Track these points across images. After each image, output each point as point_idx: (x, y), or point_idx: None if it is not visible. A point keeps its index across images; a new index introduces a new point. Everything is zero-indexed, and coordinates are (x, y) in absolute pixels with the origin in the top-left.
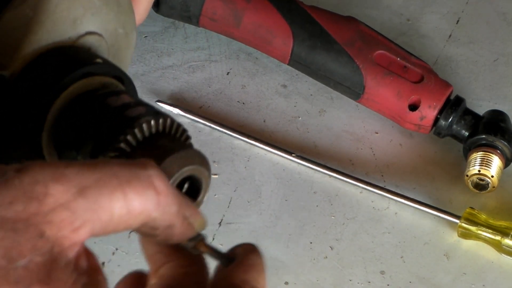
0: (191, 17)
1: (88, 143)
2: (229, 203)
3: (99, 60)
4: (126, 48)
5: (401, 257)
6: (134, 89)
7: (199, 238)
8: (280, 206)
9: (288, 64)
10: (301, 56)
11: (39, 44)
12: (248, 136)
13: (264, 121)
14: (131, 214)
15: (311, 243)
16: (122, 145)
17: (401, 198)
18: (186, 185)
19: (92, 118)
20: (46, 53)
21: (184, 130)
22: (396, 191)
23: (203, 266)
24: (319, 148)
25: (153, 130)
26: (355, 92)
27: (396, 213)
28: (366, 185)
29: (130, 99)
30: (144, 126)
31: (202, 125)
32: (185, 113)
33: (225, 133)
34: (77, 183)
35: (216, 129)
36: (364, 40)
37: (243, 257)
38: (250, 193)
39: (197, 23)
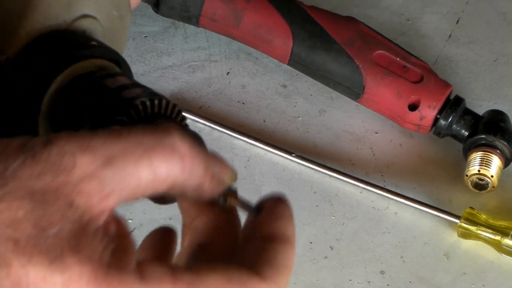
0: (191, 17)
1: (85, 126)
2: None
3: (94, 43)
4: (121, 31)
5: (401, 257)
6: (130, 72)
7: (229, 192)
8: None
9: (288, 64)
10: (301, 56)
11: (34, 28)
12: (248, 136)
13: (264, 121)
14: (158, 180)
15: (311, 243)
16: (118, 126)
17: (401, 198)
18: None
19: (88, 100)
20: (41, 36)
21: (180, 111)
22: (396, 191)
23: (234, 219)
24: (319, 148)
25: (149, 111)
26: (354, 92)
27: (396, 213)
28: (366, 185)
29: (126, 80)
30: (140, 107)
31: (202, 125)
32: (185, 113)
33: (225, 133)
34: (104, 152)
35: (216, 129)
36: (364, 40)
37: (271, 207)
38: (250, 193)
39: (197, 24)
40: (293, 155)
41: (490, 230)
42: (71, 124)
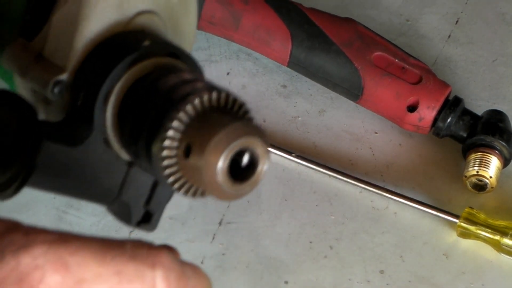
0: None
1: (143, 130)
2: (229, 203)
3: (146, 43)
4: (185, 15)
5: (401, 257)
6: (193, 62)
7: None
8: (280, 206)
9: (287, 66)
10: (300, 58)
11: (89, 38)
12: None
13: (264, 121)
14: None
15: (310, 242)
16: (175, 123)
17: (400, 198)
18: (246, 157)
19: (144, 104)
20: (97, 47)
21: (242, 105)
22: (395, 191)
23: None
24: (319, 148)
25: (206, 105)
26: (353, 93)
27: (395, 213)
28: (366, 185)
29: (181, 76)
30: (196, 101)
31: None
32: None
33: None
34: (77, 275)
35: None
36: (362, 41)
37: None
38: (250, 193)
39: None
40: (293, 155)
41: (489, 230)
42: (132, 134)
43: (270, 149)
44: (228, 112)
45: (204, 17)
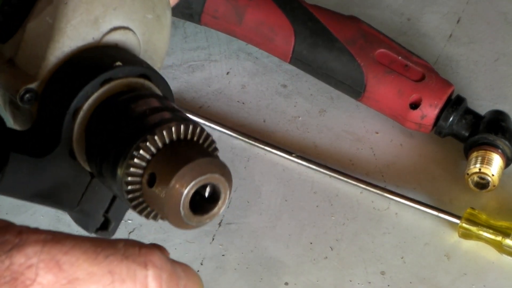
0: (193, 14)
1: (110, 153)
2: (229, 203)
3: (118, 63)
4: (159, 32)
5: (402, 258)
6: (165, 84)
7: None
8: (280, 206)
9: (289, 63)
10: (303, 54)
11: (62, 52)
12: (248, 136)
13: (264, 121)
14: None
15: (311, 243)
16: (142, 152)
17: (401, 198)
18: (208, 189)
19: (112, 126)
20: (70, 60)
21: (208, 137)
22: (396, 191)
23: None
24: (319, 148)
25: (173, 136)
26: (356, 90)
27: (396, 214)
28: (366, 185)
29: (151, 103)
30: (164, 133)
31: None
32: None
33: (225, 133)
34: (70, 274)
35: (215, 129)
36: (365, 38)
37: None
38: (250, 193)
39: (199, 21)
40: (293, 155)
41: (491, 231)
42: (99, 152)
43: (270, 149)
44: (194, 145)
45: (207, 11)
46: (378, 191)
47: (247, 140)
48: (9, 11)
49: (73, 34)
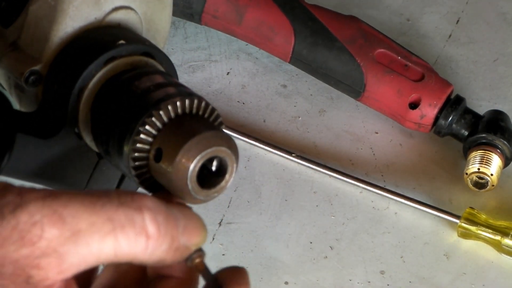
0: (193, 14)
1: (116, 130)
2: (229, 203)
3: (121, 42)
4: (161, 11)
5: (401, 257)
6: (168, 62)
7: (197, 254)
8: (280, 206)
9: (289, 62)
10: (303, 53)
11: (65, 33)
12: (248, 136)
13: (264, 121)
14: (117, 256)
15: (311, 243)
16: (147, 127)
17: (401, 198)
18: (215, 163)
19: (117, 104)
20: (73, 41)
21: (213, 111)
22: (396, 191)
23: (195, 279)
24: (319, 148)
25: (179, 111)
26: (355, 90)
27: (396, 213)
28: (366, 185)
29: (155, 79)
30: (170, 107)
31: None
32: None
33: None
34: (72, 226)
35: None
36: (365, 38)
37: (231, 283)
38: (250, 193)
39: (199, 21)
40: (293, 155)
41: (490, 230)
42: (105, 130)
43: (270, 149)
44: (200, 119)
45: (207, 11)
46: (377, 191)
47: (247, 140)
48: None
49: (76, 15)
